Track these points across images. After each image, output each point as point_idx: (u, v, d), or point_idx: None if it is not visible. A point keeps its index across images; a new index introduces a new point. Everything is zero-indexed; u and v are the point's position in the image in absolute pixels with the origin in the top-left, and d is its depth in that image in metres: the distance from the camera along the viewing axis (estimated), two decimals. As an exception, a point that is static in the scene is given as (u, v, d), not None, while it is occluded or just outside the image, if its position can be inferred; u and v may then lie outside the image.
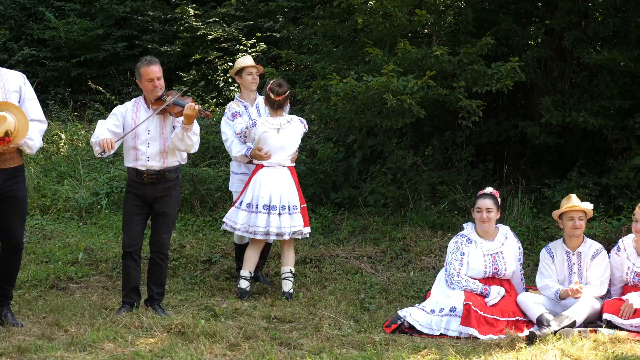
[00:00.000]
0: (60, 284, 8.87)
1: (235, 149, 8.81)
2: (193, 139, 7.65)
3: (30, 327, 7.27)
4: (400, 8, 10.41)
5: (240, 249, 9.07)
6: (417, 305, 7.77)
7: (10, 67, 16.26)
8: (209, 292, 8.71)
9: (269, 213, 8.48)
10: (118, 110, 7.86)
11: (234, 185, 9.09)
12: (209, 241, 10.27)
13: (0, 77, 7.09)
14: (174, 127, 7.73)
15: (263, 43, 15.55)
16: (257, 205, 8.49)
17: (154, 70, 7.70)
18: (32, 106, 7.19)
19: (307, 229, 8.67)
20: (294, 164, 8.79)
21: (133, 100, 7.94)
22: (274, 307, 8.06)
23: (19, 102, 7.09)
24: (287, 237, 8.50)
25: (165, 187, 7.76)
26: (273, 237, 8.57)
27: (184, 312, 7.77)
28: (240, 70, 9.10)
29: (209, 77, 16.18)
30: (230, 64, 15.33)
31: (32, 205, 11.52)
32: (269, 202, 8.47)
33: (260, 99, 9.06)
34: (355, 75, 10.15)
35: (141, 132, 7.69)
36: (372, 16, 10.52)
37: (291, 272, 8.61)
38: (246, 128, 8.69)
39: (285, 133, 8.59)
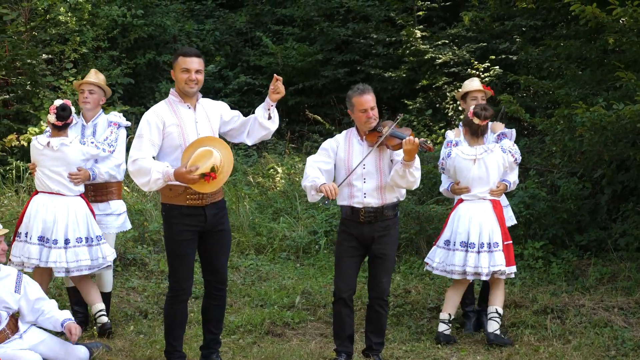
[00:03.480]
0: (276, 330, 9.08)
1: (444, 183, 9.05)
2: (415, 174, 7.62)
3: (245, 375, 7.51)
4: (659, 25, 10.12)
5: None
6: (678, 366, 7.48)
7: (225, 95, 17.08)
8: (436, 343, 8.68)
9: (466, 251, 8.57)
10: (329, 144, 7.91)
11: None
12: (436, 286, 10.26)
13: (203, 110, 7.49)
14: (391, 160, 7.79)
15: (498, 67, 15.44)
16: (454, 243, 8.65)
17: (368, 100, 7.71)
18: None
19: (511, 269, 8.65)
20: (499, 198, 8.78)
21: (344, 132, 7.99)
22: (509, 363, 7.97)
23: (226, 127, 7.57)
24: (484, 278, 8.56)
25: (383, 226, 7.79)
26: (470, 277, 8.62)
27: (409, 364, 7.80)
28: (465, 95, 9.22)
29: (437, 105, 16.24)
30: (460, 90, 15.34)
31: (246, 244, 11.92)
32: (467, 239, 8.57)
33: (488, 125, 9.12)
34: (604, 102, 9.93)
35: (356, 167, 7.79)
36: (625, 35, 10.26)
37: (497, 312, 8.63)
38: (442, 159, 8.83)
39: (482, 164, 8.63)
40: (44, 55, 14.81)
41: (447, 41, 16.63)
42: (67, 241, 8.49)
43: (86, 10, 15.23)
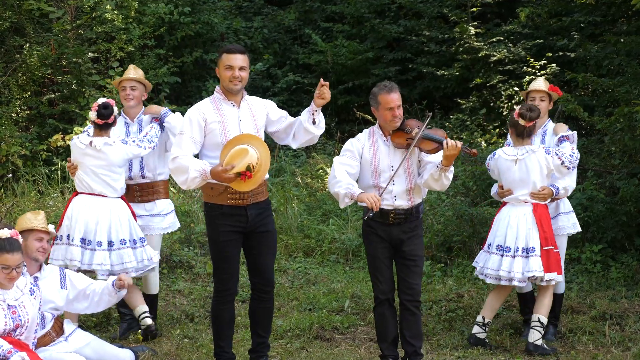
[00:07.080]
0: (324, 335, 9.10)
1: (494, 186, 8.97)
2: (450, 177, 7.60)
3: (294, 381, 7.53)
4: None
5: (522, 298, 9.12)
6: None
7: (274, 94, 17.11)
8: (489, 349, 8.64)
9: (502, 255, 8.53)
10: (354, 146, 7.81)
11: None
12: (490, 290, 10.20)
13: (248, 108, 7.51)
14: (419, 160, 7.74)
15: (555, 64, 15.32)
16: (489, 245, 8.66)
17: (394, 99, 7.67)
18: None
19: (550, 275, 8.44)
20: (545, 202, 8.62)
21: (366, 131, 7.90)
22: (568, 371, 7.92)
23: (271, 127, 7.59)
24: (516, 283, 8.47)
25: (412, 227, 7.76)
26: (504, 282, 8.54)
27: (461, 371, 7.78)
28: (527, 95, 9.17)
29: (491, 104, 16.16)
30: (516, 88, 15.27)
31: (295, 247, 11.95)
32: (504, 243, 8.52)
33: (551, 126, 9.03)
34: (667, 100, 9.87)
35: (384, 169, 7.69)
36: (688, 30, 10.20)
37: (539, 321, 8.53)
38: (488, 160, 8.82)
39: (524, 165, 8.54)
40: (89, 53, 14.96)
41: (502, 38, 16.53)
42: (110, 243, 8.52)
43: (133, 7, 15.35)
